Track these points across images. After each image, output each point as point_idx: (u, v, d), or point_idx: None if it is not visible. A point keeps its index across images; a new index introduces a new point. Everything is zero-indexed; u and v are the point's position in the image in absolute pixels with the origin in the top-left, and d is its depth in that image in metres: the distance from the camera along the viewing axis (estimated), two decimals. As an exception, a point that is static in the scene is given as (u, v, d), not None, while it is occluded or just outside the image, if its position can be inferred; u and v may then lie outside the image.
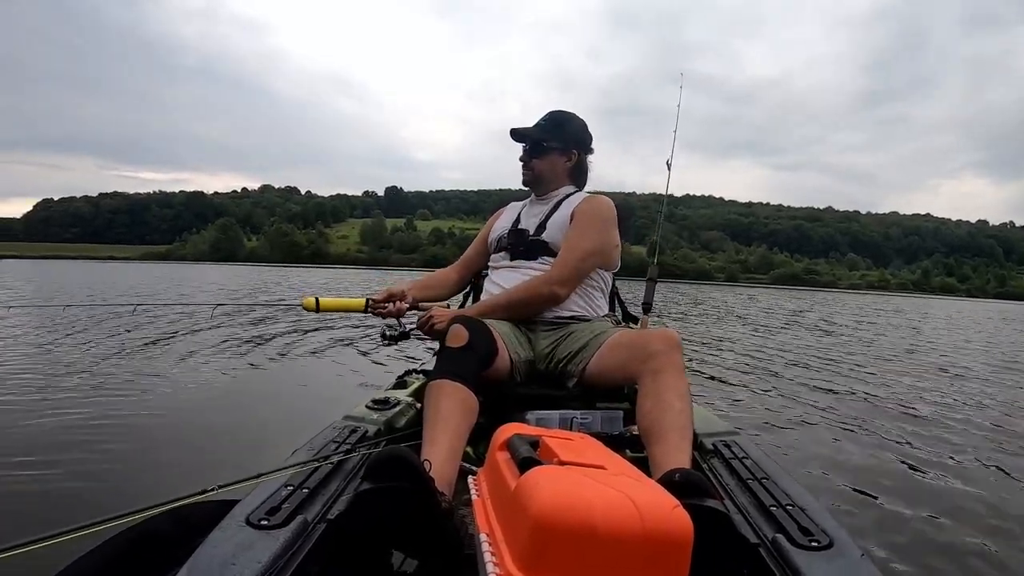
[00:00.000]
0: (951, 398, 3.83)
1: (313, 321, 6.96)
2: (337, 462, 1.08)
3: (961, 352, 6.93)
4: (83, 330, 5.63)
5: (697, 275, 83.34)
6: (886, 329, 9.70)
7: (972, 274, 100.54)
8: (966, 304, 39.13)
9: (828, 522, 0.89)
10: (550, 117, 1.74)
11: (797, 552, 0.82)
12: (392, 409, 1.45)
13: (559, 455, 0.76)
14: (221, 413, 2.85)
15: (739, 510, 0.98)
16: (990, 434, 2.89)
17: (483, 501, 0.81)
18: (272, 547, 0.78)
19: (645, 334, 1.37)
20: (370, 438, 1.27)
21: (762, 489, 1.03)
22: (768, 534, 0.88)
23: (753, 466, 1.15)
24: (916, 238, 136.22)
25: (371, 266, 70.13)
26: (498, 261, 1.75)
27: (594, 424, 1.41)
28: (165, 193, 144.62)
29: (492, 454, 0.87)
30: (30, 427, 2.45)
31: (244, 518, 0.84)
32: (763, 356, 5.61)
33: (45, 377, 3.48)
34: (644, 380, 1.24)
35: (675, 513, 0.63)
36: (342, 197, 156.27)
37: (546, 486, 0.63)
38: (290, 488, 0.95)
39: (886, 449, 2.53)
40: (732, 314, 11.65)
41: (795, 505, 0.95)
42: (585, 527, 0.59)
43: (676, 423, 1.15)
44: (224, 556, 0.75)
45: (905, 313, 15.13)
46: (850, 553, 0.82)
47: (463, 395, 1.21)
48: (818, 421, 3.02)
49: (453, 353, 1.28)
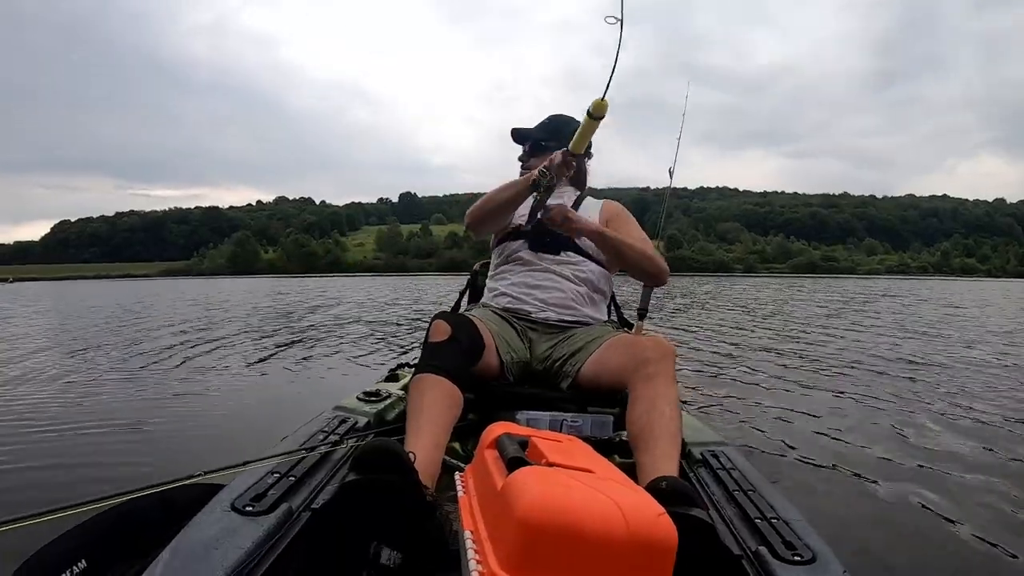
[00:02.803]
0: (957, 400, 3.74)
1: (307, 313, 6.96)
2: (325, 452, 1.08)
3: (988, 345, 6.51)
4: (92, 337, 5.62)
5: (716, 267, 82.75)
6: (907, 321, 9.30)
7: (992, 254, 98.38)
8: (988, 283, 38.48)
9: (812, 537, 0.89)
10: (551, 119, 1.76)
11: (779, 566, 0.82)
12: (382, 402, 1.45)
13: (547, 456, 0.76)
14: (211, 402, 2.85)
15: (724, 521, 0.98)
16: (1005, 443, 2.78)
17: (469, 498, 0.81)
18: (256, 533, 0.78)
19: (640, 340, 1.37)
20: (359, 430, 1.27)
21: (748, 501, 1.03)
22: (751, 546, 0.89)
23: (740, 477, 1.15)
24: (934, 220, 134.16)
25: (388, 272, 69.54)
26: (515, 250, 1.69)
27: (584, 428, 1.41)
28: (181, 209, 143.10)
29: (480, 452, 0.87)
30: (22, 413, 2.45)
31: (229, 503, 0.84)
32: (771, 358, 5.59)
33: (49, 367, 3.47)
34: (636, 386, 1.24)
35: (660, 520, 0.63)
36: (356, 205, 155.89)
37: (533, 487, 0.63)
38: (276, 476, 0.95)
39: (878, 463, 2.52)
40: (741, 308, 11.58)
41: (780, 518, 0.95)
42: (570, 529, 0.59)
43: (665, 430, 1.15)
44: (208, 540, 0.75)
45: (931, 300, 14.57)
46: (832, 569, 0.82)
47: (446, 388, 1.21)
48: (809, 430, 3.02)
49: (436, 348, 1.28)
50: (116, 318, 9.04)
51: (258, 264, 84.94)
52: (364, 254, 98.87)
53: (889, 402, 3.43)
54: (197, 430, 2.39)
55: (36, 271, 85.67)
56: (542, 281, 1.62)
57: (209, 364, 3.82)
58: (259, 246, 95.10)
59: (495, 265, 1.78)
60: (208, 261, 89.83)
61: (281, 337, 5.56)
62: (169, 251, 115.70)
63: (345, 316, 8.88)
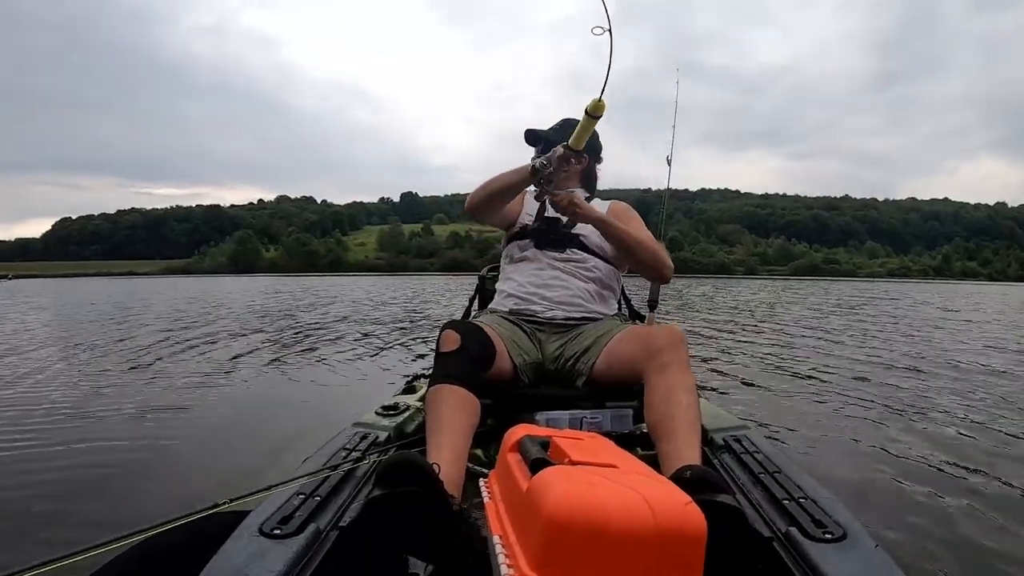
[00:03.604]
0: (980, 389, 3.75)
1: (316, 326, 6.98)
2: (348, 470, 1.08)
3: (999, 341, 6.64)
4: (91, 342, 5.67)
5: (717, 269, 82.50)
6: (911, 320, 9.42)
7: (993, 257, 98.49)
8: (990, 288, 38.32)
9: (842, 514, 0.89)
10: (564, 122, 1.77)
11: (811, 545, 0.81)
12: (401, 415, 1.45)
13: (570, 455, 0.76)
14: (229, 427, 2.84)
15: (751, 505, 0.98)
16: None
17: (495, 503, 0.81)
18: (285, 556, 0.78)
19: (650, 330, 1.37)
20: (380, 444, 1.27)
21: (774, 483, 1.02)
22: (781, 528, 0.88)
23: (764, 460, 1.14)
24: (935, 223, 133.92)
25: (390, 272, 69.26)
26: (522, 250, 1.71)
27: (604, 423, 1.41)
28: (182, 208, 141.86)
29: (503, 456, 0.87)
30: (41, 447, 2.46)
31: (257, 528, 0.84)
32: (780, 349, 5.59)
33: (53, 389, 3.50)
34: (650, 376, 1.24)
35: (688, 510, 0.63)
36: (358, 204, 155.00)
37: (558, 486, 0.63)
38: (302, 497, 0.95)
39: (902, 438, 2.51)
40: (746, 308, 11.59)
41: (807, 498, 0.95)
42: (598, 526, 0.59)
43: (685, 418, 1.14)
44: (237, 566, 0.75)
45: (933, 303, 14.60)
46: (864, 544, 0.81)
47: (462, 397, 1.21)
48: (831, 412, 3.01)
49: (447, 358, 1.28)
50: (115, 319, 9.00)
51: (259, 263, 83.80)
52: (366, 253, 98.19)
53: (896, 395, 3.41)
54: (213, 454, 2.40)
55: (36, 268, 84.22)
56: (548, 280, 1.63)
57: (215, 378, 3.82)
58: (260, 245, 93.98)
59: (503, 267, 1.79)
60: (209, 259, 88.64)
61: (288, 347, 5.57)
62: (170, 249, 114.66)
63: (353, 317, 8.89)
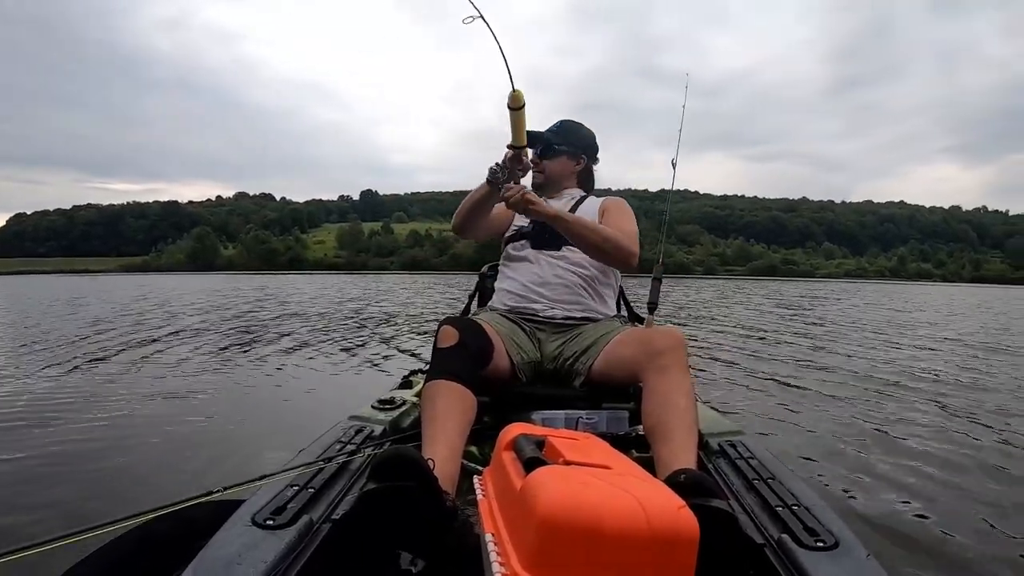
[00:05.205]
0: (970, 390, 3.74)
1: (317, 321, 6.98)
2: (343, 462, 1.09)
3: (974, 338, 6.71)
4: (80, 338, 5.67)
5: (676, 269, 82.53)
6: (884, 319, 9.48)
7: (947, 259, 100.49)
8: (949, 289, 38.68)
9: (834, 522, 0.89)
10: (561, 124, 1.80)
11: (803, 552, 0.81)
12: (397, 409, 1.46)
13: (565, 455, 0.76)
14: (225, 416, 2.84)
15: (745, 510, 0.98)
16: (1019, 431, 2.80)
17: (489, 501, 0.81)
18: (277, 547, 0.78)
19: (650, 332, 1.37)
20: (375, 438, 1.27)
21: (768, 489, 1.02)
22: (774, 534, 0.88)
23: (759, 466, 1.14)
24: (891, 225, 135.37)
25: (350, 271, 68.80)
26: (518, 250, 1.73)
27: (600, 424, 1.40)
28: (139, 204, 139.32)
29: (498, 454, 0.87)
30: (33, 434, 2.46)
31: (249, 518, 0.84)
32: (763, 350, 5.58)
33: (48, 381, 3.50)
34: (649, 378, 1.24)
35: (681, 513, 0.63)
36: (318, 202, 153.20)
37: (552, 486, 0.63)
38: (295, 488, 0.95)
39: (895, 445, 2.51)
40: (722, 307, 11.58)
41: (801, 505, 0.95)
42: (591, 527, 0.59)
43: (681, 422, 1.14)
44: (229, 556, 0.76)
45: (887, 303, 14.72)
46: (856, 553, 0.81)
47: (458, 393, 1.21)
48: (824, 418, 3.01)
49: (445, 353, 1.28)
50: (109, 318, 9.07)
51: (218, 260, 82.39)
52: (325, 251, 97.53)
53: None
54: (209, 443, 2.39)
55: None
56: (546, 278, 1.63)
57: (213, 368, 3.83)
58: (219, 242, 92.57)
59: (501, 267, 1.79)
60: (166, 256, 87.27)
61: (287, 339, 5.56)
62: (128, 246, 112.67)
63: (335, 315, 8.86)
